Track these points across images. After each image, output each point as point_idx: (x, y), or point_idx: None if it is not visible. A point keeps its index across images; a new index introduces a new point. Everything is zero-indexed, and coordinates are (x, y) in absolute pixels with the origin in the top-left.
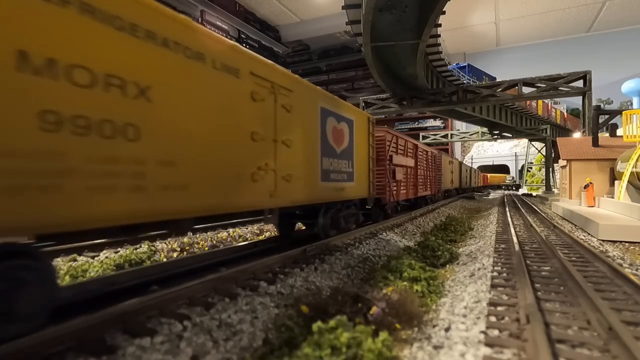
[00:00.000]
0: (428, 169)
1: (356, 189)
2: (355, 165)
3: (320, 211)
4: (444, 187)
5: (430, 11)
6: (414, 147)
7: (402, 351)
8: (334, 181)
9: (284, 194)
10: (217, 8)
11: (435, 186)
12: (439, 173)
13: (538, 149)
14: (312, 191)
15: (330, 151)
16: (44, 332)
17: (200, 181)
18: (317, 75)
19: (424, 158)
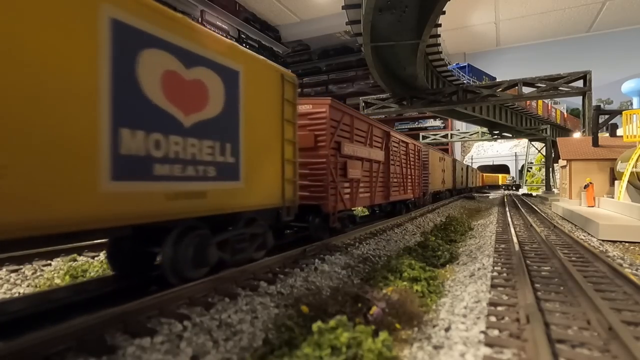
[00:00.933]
0: (408, 166)
1: (251, 193)
2: (245, 152)
3: (167, 238)
4: (432, 189)
5: (430, 11)
6: (384, 136)
7: (402, 351)
8: (170, 180)
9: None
10: (217, 8)
11: (419, 188)
12: (425, 172)
13: (538, 149)
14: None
15: (155, 117)
16: (44, 332)
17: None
18: (317, 75)
19: (401, 151)
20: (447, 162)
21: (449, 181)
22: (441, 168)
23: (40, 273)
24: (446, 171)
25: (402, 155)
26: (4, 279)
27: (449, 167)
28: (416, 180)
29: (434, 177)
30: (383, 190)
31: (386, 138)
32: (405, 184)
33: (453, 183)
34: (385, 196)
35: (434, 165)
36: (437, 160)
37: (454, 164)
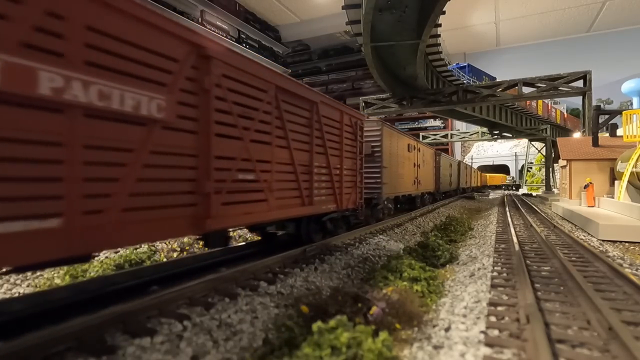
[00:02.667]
0: (328, 151)
1: None
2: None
3: None
4: (391, 192)
5: (430, 11)
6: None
7: (402, 351)
8: None
9: None
10: (217, 8)
11: (355, 192)
12: (373, 165)
13: (538, 149)
14: None
15: None
16: (44, 332)
17: None
18: (317, 75)
19: (299, 123)
20: (426, 155)
21: (427, 181)
22: (413, 162)
23: (40, 273)
24: (423, 167)
25: (302, 131)
26: (4, 279)
27: (429, 163)
28: (348, 179)
29: (395, 173)
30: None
31: None
32: (312, 184)
33: (436, 184)
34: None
35: (395, 154)
36: (402, 148)
37: (437, 158)
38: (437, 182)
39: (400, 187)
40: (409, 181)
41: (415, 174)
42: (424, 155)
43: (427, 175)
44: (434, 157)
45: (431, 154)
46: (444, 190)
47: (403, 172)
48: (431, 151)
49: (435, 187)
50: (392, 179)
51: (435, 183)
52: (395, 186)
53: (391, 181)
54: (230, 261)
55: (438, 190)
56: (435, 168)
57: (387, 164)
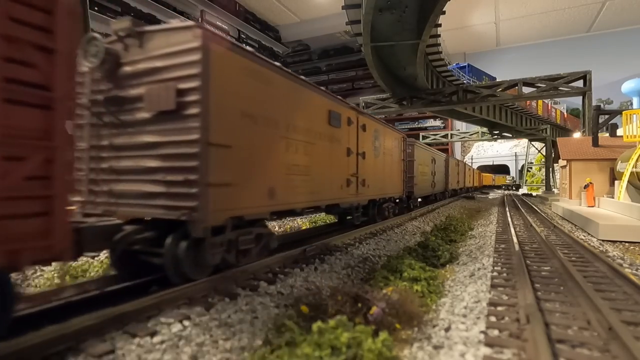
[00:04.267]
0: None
1: None
2: None
3: None
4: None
5: (430, 11)
6: None
7: (402, 351)
8: None
9: None
10: (217, 8)
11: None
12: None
13: (538, 149)
14: None
15: None
16: (44, 332)
17: None
18: (317, 75)
19: None
20: (386, 140)
21: (388, 181)
22: (345, 146)
23: (41, 273)
24: (378, 158)
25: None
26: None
27: (389, 152)
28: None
29: (334, 167)
30: None
31: None
32: None
33: (405, 185)
34: None
35: (270, 122)
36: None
37: (409, 149)
38: (409, 183)
39: (289, 192)
40: (328, 180)
41: (351, 169)
42: (382, 141)
43: (388, 172)
44: (402, 147)
45: (397, 140)
46: (422, 194)
47: (308, 164)
48: (397, 137)
49: (405, 190)
50: (320, 178)
51: (403, 184)
52: (323, 186)
53: (241, 180)
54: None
55: (411, 195)
56: (406, 162)
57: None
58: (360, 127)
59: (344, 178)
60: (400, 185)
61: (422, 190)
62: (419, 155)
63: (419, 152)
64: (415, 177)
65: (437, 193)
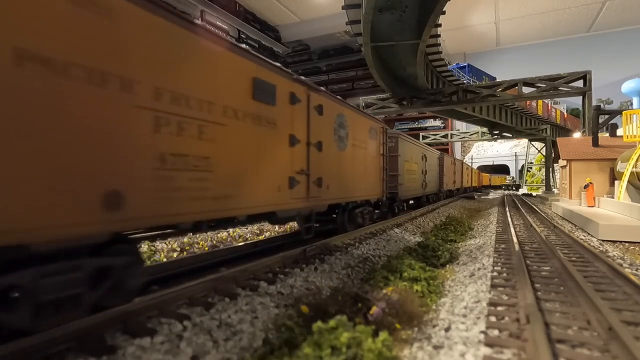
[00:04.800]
0: None
1: None
2: None
3: None
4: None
5: (430, 11)
6: None
7: (402, 351)
8: None
9: None
10: (217, 8)
11: None
12: None
13: (538, 149)
14: None
15: None
16: (44, 332)
17: None
18: (317, 75)
19: None
20: (355, 128)
21: (361, 181)
22: (288, 133)
23: None
24: (346, 150)
25: None
26: None
27: (361, 145)
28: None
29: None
30: None
31: None
32: None
33: (384, 186)
34: None
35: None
36: (229, 87)
37: (390, 143)
38: (392, 182)
39: (164, 198)
40: (251, 180)
41: (297, 164)
42: (351, 130)
43: (361, 170)
44: (382, 139)
45: (375, 131)
46: (409, 196)
47: (210, 154)
48: (374, 127)
49: (386, 191)
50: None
51: (383, 184)
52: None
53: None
54: (231, 261)
55: (395, 198)
56: (387, 158)
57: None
58: (313, 109)
59: (283, 176)
60: (379, 186)
61: (409, 191)
62: (405, 151)
63: (405, 146)
64: (401, 176)
65: (430, 194)
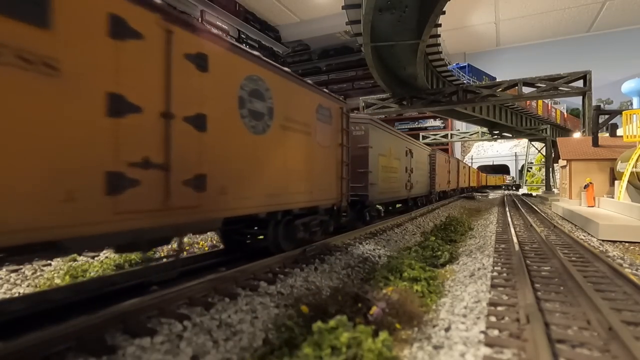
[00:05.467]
0: None
1: None
2: None
3: None
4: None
5: (430, 11)
6: None
7: (402, 351)
8: None
9: None
10: (217, 8)
11: None
12: None
13: (538, 149)
14: None
15: None
16: (44, 332)
17: None
18: (317, 75)
19: None
20: (299, 104)
21: (314, 180)
22: (86, 83)
23: (40, 273)
24: (283, 136)
25: None
26: (4, 279)
27: (312, 129)
28: None
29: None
30: None
31: None
32: None
33: (341, 188)
34: None
35: None
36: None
37: (347, 125)
38: (361, 181)
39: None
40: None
41: (145, 148)
42: (281, 105)
43: (302, 164)
44: (341, 124)
45: (328, 112)
46: (387, 199)
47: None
48: (327, 105)
49: (346, 193)
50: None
51: (341, 184)
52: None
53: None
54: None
55: (365, 201)
56: (347, 150)
57: None
58: (183, 58)
59: (84, 173)
60: (335, 187)
61: (386, 193)
62: (380, 142)
63: (380, 137)
64: (373, 174)
65: (418, 197)
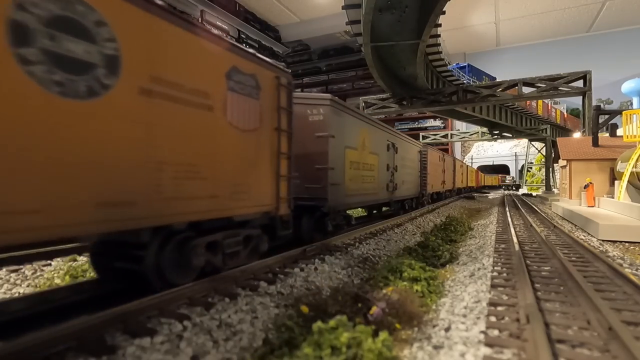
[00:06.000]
0: None
1: None
2: None
3: None
4: None
5: (430, 11)
6: None
7: (402, 351)
8: None
9: None
10: (217, 8)
11: None
12: None
13: (538, 149)
14: None
15: None
16: (44, 332)
17: None
18: (317, 75)
19: None
20: (191, 65)
21: (229, 181)
22: None
23: (40, 273)
24: (156, 108)
25: None
26: (4, 279)
27: (220, 104)
28: None
29: None
30: None
31: None
32: None
33: (279, 184)
34: None
35: None
36: None
37: (288, 99)
38: (318, 182)
39: None
40: None
41: None
42: (130, 47)
43: (196, 156)
44: (272, 97)
45: (245, 78)
46: (358, 203)
47: None
48: (238, 65)
49: (281, 198)
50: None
51: (276, 187)
52: None
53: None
54: None
55: (324, 208)
56: (288, 137)
57: None
58: None
59: None
60: (268, 190)
61: (356, 196)
62: (348, 131)
63: (345, 123)
64: (336, 172)
65: (405, 199)
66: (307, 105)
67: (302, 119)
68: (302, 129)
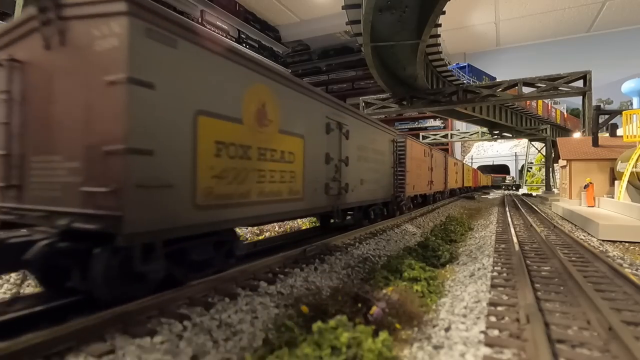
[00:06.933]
0: None
1: None
2: None
3: None
4: None
5: (430, 11)
6: None
7: (402, 351)
8: None
9: None
10: (217, 8)
11: None
12: None
13: (538, 149)
14: None
15: None
16: (44, 332)
17: None
18: (317, 75)
19: None
20: None
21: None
22: None
23: None
24: None
25: None
26: (4, 279)
27: None
28: None
29: None
30: None
31: None
32: None
33: None
34: None
35: None
36: None
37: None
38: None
39: None
40: None
41: None
42: None
43: None
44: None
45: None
46: (257, 216)
47: None
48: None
49: None
50: None
51: None
52: None
53: None
54: None
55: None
56: None
57: None
58: None
59: None
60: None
61: (240, 206)
62: (197, 76)
63: (200, 63)
64: (163, 158)
65: (369, 204)
66: (88, 19)
67: (80, 50)
68: (77, 70)
